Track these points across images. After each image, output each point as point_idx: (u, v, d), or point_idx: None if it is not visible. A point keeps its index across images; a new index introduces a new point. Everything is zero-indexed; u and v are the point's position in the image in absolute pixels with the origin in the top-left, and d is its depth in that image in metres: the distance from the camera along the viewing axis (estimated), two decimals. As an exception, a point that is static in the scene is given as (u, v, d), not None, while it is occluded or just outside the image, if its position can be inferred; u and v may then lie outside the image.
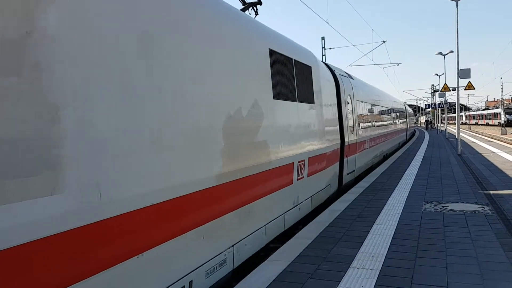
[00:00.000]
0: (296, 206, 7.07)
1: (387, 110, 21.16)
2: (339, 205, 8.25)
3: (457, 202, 8.43)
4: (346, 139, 10.67)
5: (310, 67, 8.07)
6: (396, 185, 10.58)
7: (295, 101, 7.04)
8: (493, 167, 13.98)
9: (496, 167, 14.09)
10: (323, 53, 31.22)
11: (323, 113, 8.69)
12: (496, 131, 55.24)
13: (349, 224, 6.80)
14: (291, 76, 6.95)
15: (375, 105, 17.08)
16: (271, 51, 6.26)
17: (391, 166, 14.91)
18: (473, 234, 6.11)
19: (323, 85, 8.96)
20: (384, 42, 31.13)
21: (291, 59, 7.05)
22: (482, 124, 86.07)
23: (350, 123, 11.49)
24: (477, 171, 13.17)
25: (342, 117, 10.60)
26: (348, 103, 11.49)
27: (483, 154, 18.94)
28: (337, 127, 10.05)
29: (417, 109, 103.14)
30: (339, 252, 5.37)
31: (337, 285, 4.32)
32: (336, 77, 10.76)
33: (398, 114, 26.06)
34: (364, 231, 6.36)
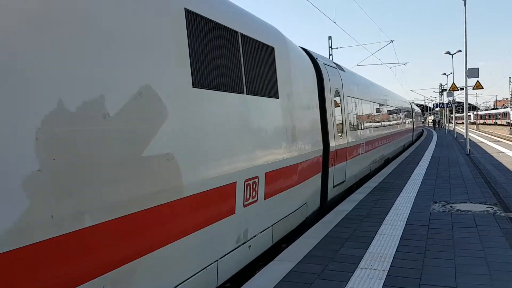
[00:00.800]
0: (243, 244, 5.09)
1: (389, 108, 19.08)
2: (346, 205, 8.23)
3: (466, 202, 8.37)
4: (331, 144, 8.77)
5: (272, 48, 6.14)
6: (404, 185, 10.53)
7: (242, 93, 5.14)
8: (502, 167, 13.88)
9: (505, 167, 13.98)
10: (330, 53, 31.21)
11: (293, 112, 6.73)
12: (505, 131, 54.88)
13: (357, 224, 6.78)
14: (234, 57, 5.06)
15: (373, 102, 14.94)
16: (190, 13, 4.22)
17: (399, 166, 14.84)
18: (482, 234, 6.06)
19: (295, 74, 7.00)
20: (391, 41, 31.04)
21: (236, 32, 5.14)
22: (490, 124, 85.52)
23: (338, 124, 9.60)
24: (485, 171, 13.08)
25: (327, 116, 8.69)
26: (336, 100, 9.55)
27: (491, 154, 18.80)
28: (319, 129, 8.18)
29: (425, 109, 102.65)
30: (347, 253, 5.36)
31: (345, 286, 4.31)
32: (319, 67, 8.74)
33: (403, 113, 24.80)
34: (372, 231, 6.34)
